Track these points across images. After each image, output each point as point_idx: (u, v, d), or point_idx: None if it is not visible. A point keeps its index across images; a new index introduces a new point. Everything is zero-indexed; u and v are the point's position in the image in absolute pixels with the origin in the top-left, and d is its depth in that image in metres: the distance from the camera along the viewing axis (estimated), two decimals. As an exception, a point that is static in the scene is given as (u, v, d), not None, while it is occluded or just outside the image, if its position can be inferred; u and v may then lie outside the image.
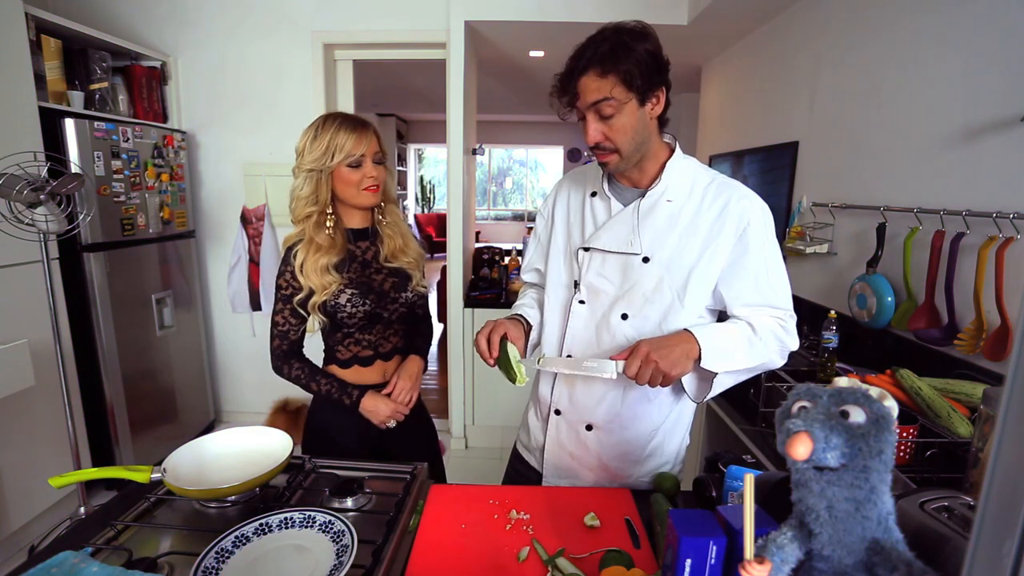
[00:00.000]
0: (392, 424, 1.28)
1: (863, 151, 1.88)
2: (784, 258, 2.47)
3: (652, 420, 1.11)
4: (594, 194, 1.12)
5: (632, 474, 1.14)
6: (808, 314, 2.15)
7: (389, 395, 1.28)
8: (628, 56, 0.92)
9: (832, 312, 1.77)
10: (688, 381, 1.05)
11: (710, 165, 3.41)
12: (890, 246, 1.69)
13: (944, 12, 1.53)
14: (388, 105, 6.98)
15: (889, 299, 1.66)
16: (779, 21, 2.52)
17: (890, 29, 1.75)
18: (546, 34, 2.91)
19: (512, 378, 1.02)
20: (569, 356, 1.11)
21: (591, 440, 1.13)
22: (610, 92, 0.93)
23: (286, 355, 1.27)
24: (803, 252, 2.06)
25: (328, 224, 1.23)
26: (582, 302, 1.10)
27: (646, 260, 1.03)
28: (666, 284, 1.03)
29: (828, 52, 2.10)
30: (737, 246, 1.00)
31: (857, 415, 0.55)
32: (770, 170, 2.53)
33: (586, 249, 1.09)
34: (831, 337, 1.73)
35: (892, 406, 0.56)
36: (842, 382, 0.59)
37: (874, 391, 0.57)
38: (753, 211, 1.00)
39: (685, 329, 0.98)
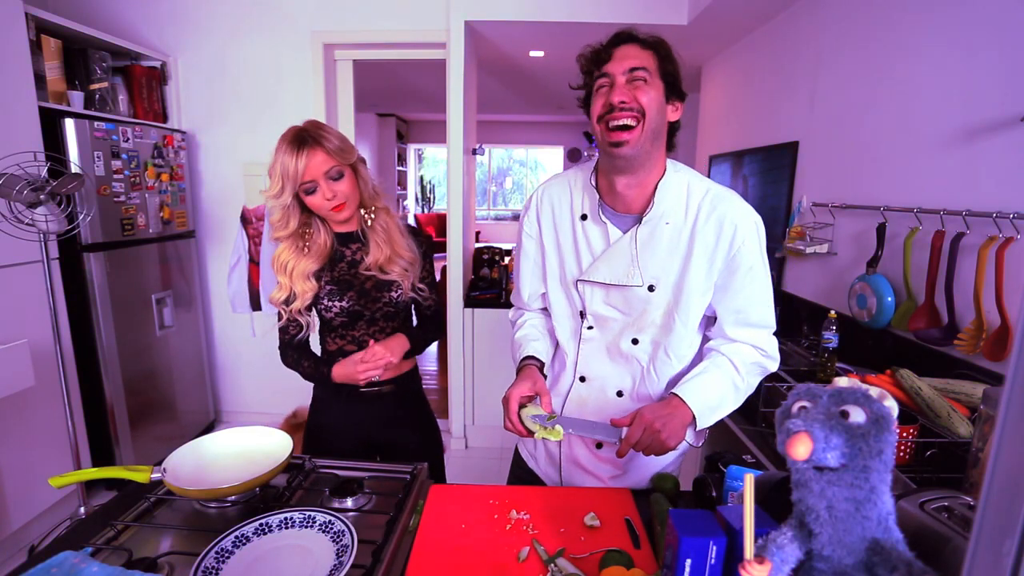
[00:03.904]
0: (375, 376, 1.21)
1: (863, 151, 1.88)
2: (784, 259, 2.49)
3: None
4: (584, 217, 1.06)
5: (645, 476, 1.15)
6: (808, 314, 2.15)
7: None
8: (667, 51, 0.96)
9: (832, 312, 1.77)
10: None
11: (710, 165, 3.42)
12: (890, 246, 1.69)
13: (944, 12, 1.53)
14: (388, 105, 6.97)
15: (889, 299, 1.66)
16: (779, 21, 2.52)
17: (890, 29, 1.75)
18: (546, 34, 2.91)
19: (548, 439, 0.99)
20: (583, 378, 1.11)
21: (605, 454, 1.14)
22: (649, 64, 0.94)
23: (286, 347, 1.30)
24: (803, 252, 2.05)
25: (311, 234, 1.23)
26: (590, 328, 1.09)
27: (651, 288, 1.02)
28: (672, 308, 1.03)
29: (828, 52, 2.10)
30: (731, 263, 1.00)
31: (857, 415, 0.55)
32: (770, 170, 2.53)
33: (584, 281, 1.06)
34: (831, 337, 1.73)
35: (892, 406, 0.56)
36: (842, 382, 0.59)
37: (874, 391, 0.57)
38: (748, 228, 0.99)
39: (673, 393, 0.99)
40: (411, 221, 9.25)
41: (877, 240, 1.71)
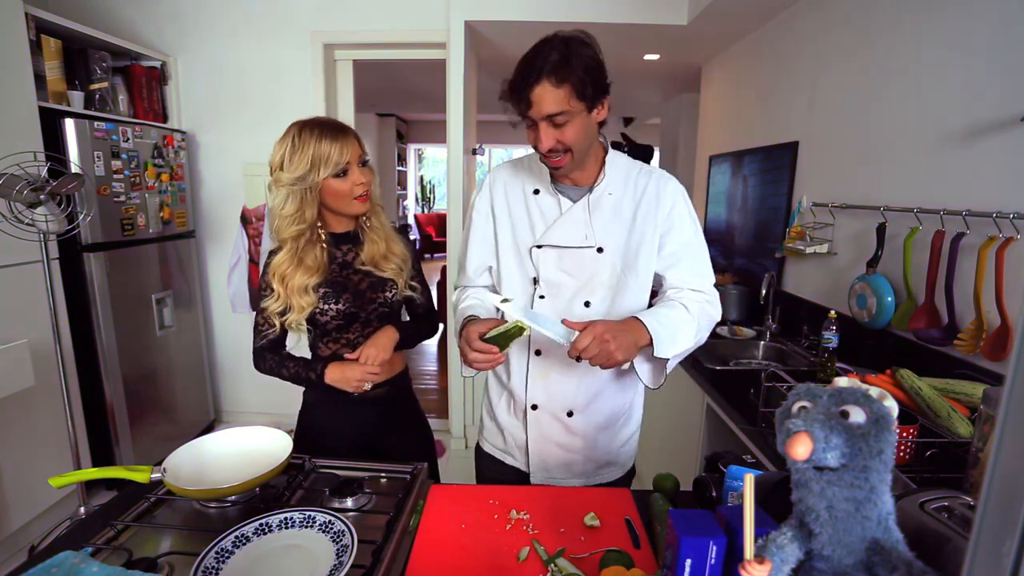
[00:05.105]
0: (368, 387, 1.21)
1: (863, 151, 1.88)
2: (784, 259, 2.49)
3: (625, 394, 1.21)
4: (537, 191, 1.15)
5: (612, 448, 1.22)
6: (808, 314, 2.15)
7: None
8: (579, 64, 0.96)
9: (832, 312, 1.77)
10: (643, 370, 1.11)
11: (710, 165, 3.42)
12: (890, 246, 1.69)
13: (944, 12, 1.53)
14: (388, 105, 6.98)
15: (889, 299, 1.66)
16: (779, 21, 2.52)
17: (890, 29, 1.75)
18: (546, 34, 2.90)
19: (518, 334, 0.99)
20: (538, 352, 1.15)
21: (575, 425, 1.17)
22: (567, 105, 0.97)
23: (263, 351, 1.26)
24: (803, 252, 2.05)
25: (317, 237, 1.20)
26: (542, 297, 1.14)
27: (600, 250, 1.11)
28: (620, 269, 1.12)
29: (828, 52, 2.10)
30: (667, 221, 1.12)
31: (857, 415, 0.54)
32: (770, 170, 2.53)
33: (539, 247, 1.13)
34: (831, 337, 1.73)
35: (892, 406, 0.56)
36: (842, 382, 0.59)
37: (874, 391, 0.57)
38: (677, 192, 1.14)
39: (634, 317, 1.04)
40: (411, 221, 9.26)
41: (877, 240, 1.71)
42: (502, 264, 1.18)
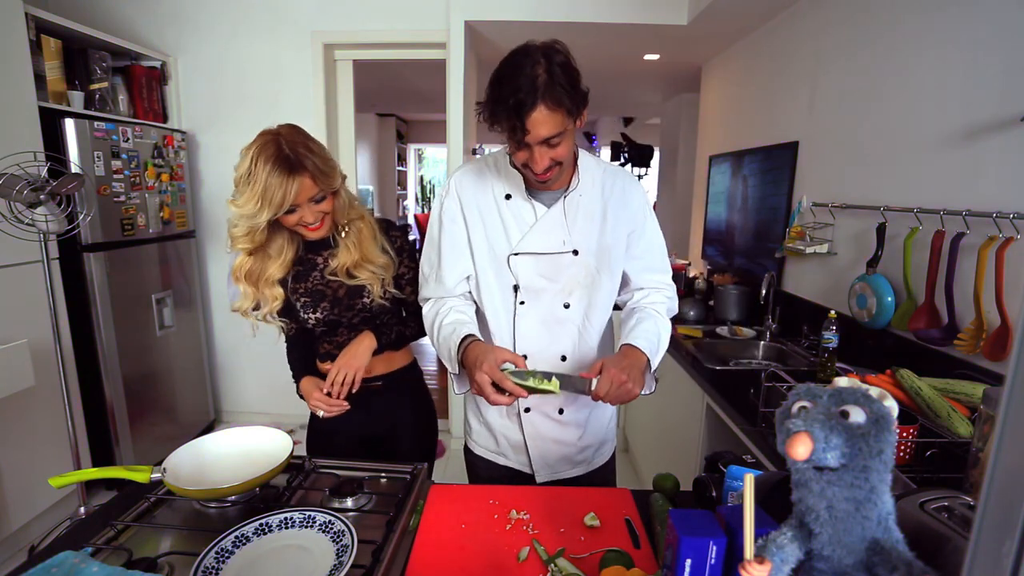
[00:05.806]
0: (320, 414, 1.19)
1: (863, 151, 1.88)
2: (784, 259, 2.49)
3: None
4: (509, 196, 1.13)
5: (602, 427, 1.26)
6: (808, 314, 2.15)
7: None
8: (566, 80, 0.95)
9: (832, 312, 1.77)
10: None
11: (710, 165, 3.42)
12: (890, 246, 1.69)
13: (944, 12, 1.53)
14: (388, 105, 6.96)
15: (889, 299, 1.66)
16: (779, 21, 2.52)
17: (890, 29, 1.75)
18: (546, 34, 2.88)
19: (546, 393, 0.99)
20: (525, 356, 1.11)
21: (567, 419, 1.20)
22: (562, 126, 0.96)
23: (287, 345, 1.33)
24: (803, 252, 2.05)
25: (274, 245, 1.19)
26: (523, 303, 1.14)
27: (576, 253, 1.12)
28: (594, 269, 1.14)
29: (828, 52, 2.10)
30: (632, 222, 1.16)
31: (857, 415, 0.54)
32: (770, 170, 2.53)
33: (517, 255, 1.12)
34: (831, 337, 1.73)
35: (892, 406, 0.56)
36: (842, 382, 0.59)
37: (874, 391, 0.57)
38: (640, 191, 1.19)
39: (628, 345, 1.08)
40: (411, 221, 9.25)
41: (877, 240, 1.71)
42: (479, 272, 1.15)
